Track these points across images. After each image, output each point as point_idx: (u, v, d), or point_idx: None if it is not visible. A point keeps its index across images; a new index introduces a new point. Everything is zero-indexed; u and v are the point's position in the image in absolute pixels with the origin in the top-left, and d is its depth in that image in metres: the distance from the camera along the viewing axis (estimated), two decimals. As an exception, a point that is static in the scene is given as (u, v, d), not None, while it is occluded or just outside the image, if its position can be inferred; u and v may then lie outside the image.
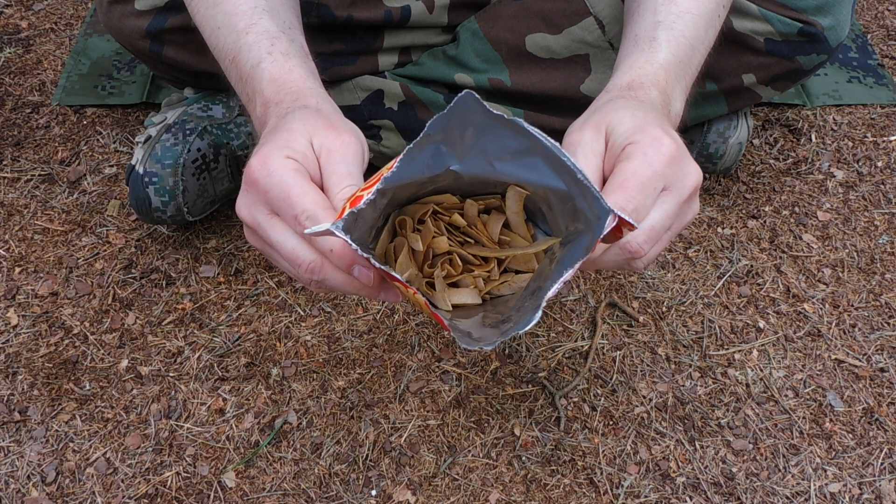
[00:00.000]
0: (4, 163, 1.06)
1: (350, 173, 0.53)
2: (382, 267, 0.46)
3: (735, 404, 0.84)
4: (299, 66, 0.62)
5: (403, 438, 0.81)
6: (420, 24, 0.89)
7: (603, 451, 0.81)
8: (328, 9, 0.85)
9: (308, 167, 0.52)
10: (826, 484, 0.79)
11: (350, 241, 0.44)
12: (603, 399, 0.84)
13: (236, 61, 0.64)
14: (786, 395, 0.85)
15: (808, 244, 0.98)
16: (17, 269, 0.95)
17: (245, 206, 0.53)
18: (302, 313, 0.91)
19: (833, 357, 0.88)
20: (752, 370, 0.87)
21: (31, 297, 0.92)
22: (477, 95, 0.47)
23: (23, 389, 0.84)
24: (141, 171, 0.88)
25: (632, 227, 0.48)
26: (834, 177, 1.06)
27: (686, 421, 0.83)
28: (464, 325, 0.53)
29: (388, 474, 0.79)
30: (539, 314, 0.45)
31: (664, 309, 0.92)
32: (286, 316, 0.90)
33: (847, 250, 0.98)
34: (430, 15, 0.89)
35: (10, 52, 1.21)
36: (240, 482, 0.78)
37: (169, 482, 0.78)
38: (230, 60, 0.65)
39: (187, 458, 0.80)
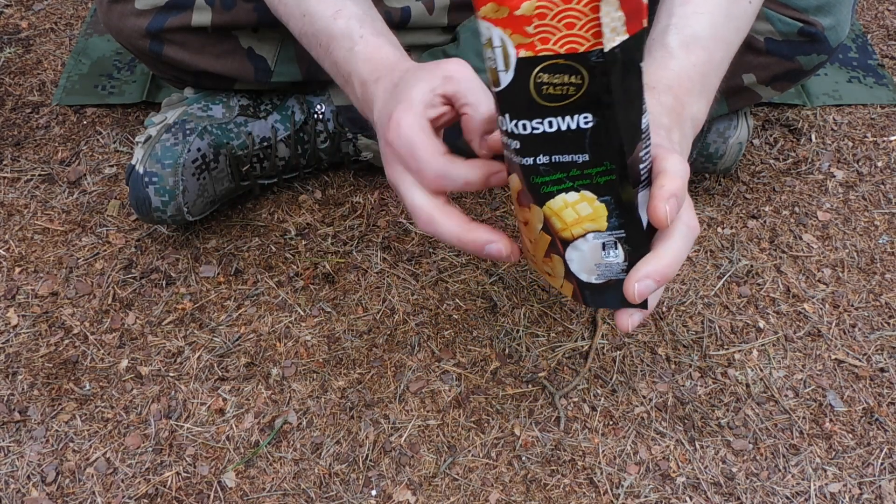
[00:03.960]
0: (4, 163, 1.06)
1: (479, 88, 0.57)
2: None
3: (735, 404, 0.84)
4: (388, 43, 0.66)
5: (403, 438, 0.81)
6: (420, 25, 0.89)
7: (603, 451, 0.81)
8: None
9: (438, 112, 0.58)
10: (826, 484, 0.79)
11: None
12: (603, 399, 0.84)
13: (329, 48, 0.68)
14: (786, 395, 0.85)
15: (808, 244, 0.98)
16: (17, 269, 0.95)
17: (386, 165, 0.59)
18: (302, 313, 0.91)
19: (833, 357, 0.88)
20: (752, 370, 0.87)
21: (31, 297, 0.92)
22: None
23: (23, 389, 0.84)
24: (141, 170, 0.88)
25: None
26: (834, 177, 1.06)
27: (686, 421, 0.83)
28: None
29: (388, 474, 0.79)
30: None
31: (664, 309, 0.92)
32: (286, 316, 0.90)
33: (847, 250, 0.98)
34: (430, 16, 0.89)
35: (10, 52, 1.21)
36: (240, 482, 0.78)
37: (169, 482, 0.78)
38: (322, 47, 0.69)
39: (187, 458, 0.80)
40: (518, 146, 0.49)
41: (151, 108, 1.12)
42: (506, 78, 0.46)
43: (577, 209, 0.52)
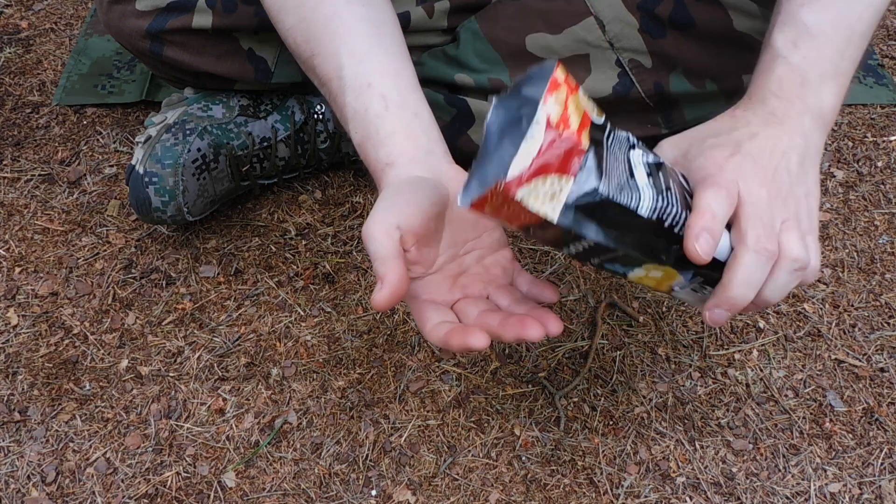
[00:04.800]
0: (4, 163, 1.06)
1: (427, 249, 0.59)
2: None
3: (735, 404, 0.84)
4: (392, 125, 0.63)
5: (403, 438, 0.81)
6: (420, 28, 0.89)
7: (603, 451, 0.81)
8: None
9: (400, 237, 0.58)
10: (826, 484, 0.79)
11: None
12: (603, 399, 0.84)
13: (336, 98, 0.66)
14: (786, 395, 0.85)
15: (808, 244, 0.98)
16: (17, 269, 0.95)
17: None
18: (302, 313, 0.91)
19: (833, 357, 0.88)
20: (752, 370, 0.87)
21: (31, 297, 0.92)
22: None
23: (23, 389, 0.84)
24: (141, 171, 0.88)
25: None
26: (834, 177, 1.06)
27: (686, 421, 0.83)
28: None
29: (388, 474, 0.79)
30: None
31: (664, 309, 0.92)
32: (286, 316, 0.90)
33: (847, 250, 0.98)
34: (429, 20, 0.89)
35: (10, 52, 1.21)
36: (240, 482, 0.78)
37: (169, 482, 0.78)
38: (328, 89, 0.67)
39: (187, 458, 0.80)
40: (575, 257, 0.55)
41: (151, 107, 1.12)
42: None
43: (651, 276, 0.57)
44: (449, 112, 0.89)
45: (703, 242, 0.53)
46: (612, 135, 0.52)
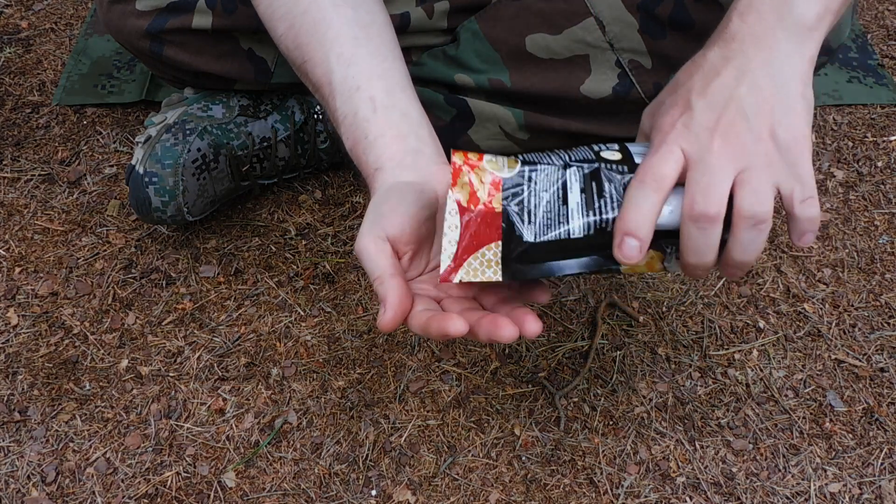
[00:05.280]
0: (4, 163, 1.06)
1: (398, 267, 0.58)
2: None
3: (735, 404, 0.84)
4: (379, 129, 0.63)
5: (403, 438, 0.81)
6: (420, 28, 0.89)
7: (603, 451, 0.81)
8: None
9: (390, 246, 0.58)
10: (826, 484, 0.79)
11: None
12: (603, 399, 0.84)
13: (328, 103, 0.66)
14: (786, 395, 0.85)
15: (808, 244, 0.98)
16: (17, 269, 0.95)
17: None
18: (302, 313, 0.91)
19: (833, 357, 0.88)
20: (752, 370, 0.87)
21: (31, 297, 0.92)
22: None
23: (23, 389, 0.84)
24: (141, 171, 0.88)
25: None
26: (834, 177, 1.06)
27: (686, 421, 0.83)
28: None
29: (388, 474, 0.79)
30: None
31: (664, 309, 0.92)
32: (286, 316, 0.90)
33: (847, 250, 0.98)
34: (429, 20, 0.89)
35: (10, 52, 1.21)
36: (240, 482, 0.78)
37: (169, 482, 0.78)
38: (320, 94, 0.67)
39: (187, 458, 0.80)
40: None
41: (151, 107, 1.12)
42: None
43: (638, 268, 0.57)
44: (449, 112, 0.89)
45: (626, 249, 0.53)
46: (534, 174, 0.55)
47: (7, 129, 1.10)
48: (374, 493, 0.78)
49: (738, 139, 0.53)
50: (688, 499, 0.78)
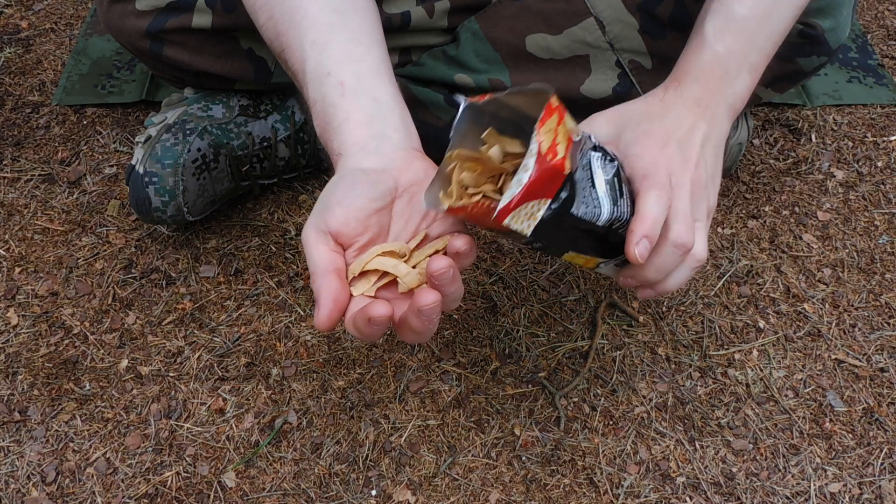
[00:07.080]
0: (4, 163, 1.06)
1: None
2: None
3: (735, 404, 0.84)
4: (348, 111, 0.62)
5: (403, 438, 0.81)
6: (420, 28, 0.89)
7: (603, 451, 0.81)
8: None
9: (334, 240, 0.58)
10: (826, 484, 0.79)
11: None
12: (603, 399, 0.84)
13: (303, 90, 0.65)
14: (786, 395, 0.85)
15: (808, 244, 0.98)
16: (17, 269, 0.95)
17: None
18: (302, 313, 0.91)
19: (833, 357, 0.88)
20: (752, 370, 0.87)
21: (31, 297, 0.92)
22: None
23: (23, 389, 0.84)
24: (141, 170, 0.88)
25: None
26: (834, 177, 1.06)
27: (686, 421, 0.83)
28: None
29: (388, 474, 0.79)
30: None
31: (664, 309, 0.92)
32: (286, 316, 0.90)
33: (847, 250, 0.98)
34: (430, 19, 0.89)
35: (10, 52, 1.21)
36: (240, 482, 0.78)
37: (169, 482, 0.78)
38: (297, 83, 0.67)
39: (187, 458, 0.80)
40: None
41: (151, 107, 1.12)
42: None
43: (577, 260, 0.62)
44: (449, 112, 0.89)
45: (642, 248, 0.57)
46: (582, 144, 0.56)
47: (7, 129, 1.10)
48: (374, 493, 0.78)
49: (703, 185, 0.64)
50: (688, 499, 0.78)
